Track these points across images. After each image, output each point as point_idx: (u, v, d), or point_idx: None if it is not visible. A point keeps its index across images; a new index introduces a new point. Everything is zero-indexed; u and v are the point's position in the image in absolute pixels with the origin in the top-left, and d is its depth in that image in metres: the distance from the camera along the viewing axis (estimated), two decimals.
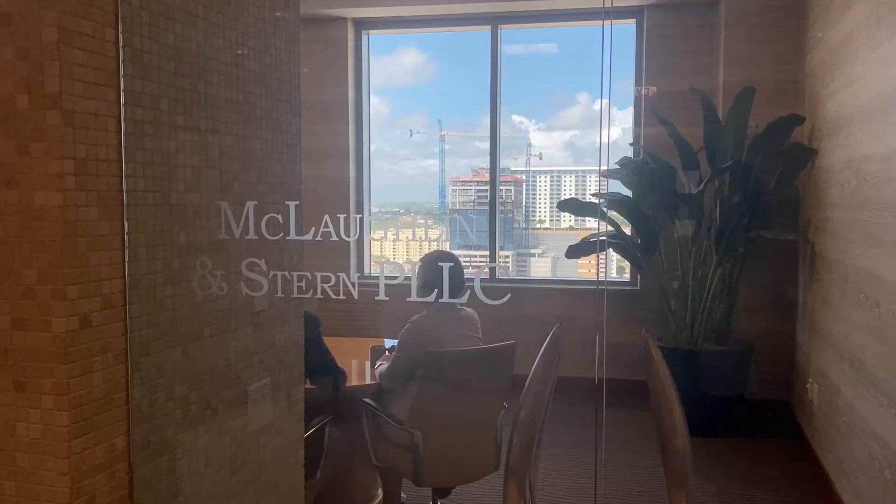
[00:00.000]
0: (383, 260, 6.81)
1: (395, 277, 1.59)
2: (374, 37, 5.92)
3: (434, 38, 6.40)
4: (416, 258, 6.20)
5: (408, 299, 2.09)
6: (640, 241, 4.80)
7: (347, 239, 1.65)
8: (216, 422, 1.65)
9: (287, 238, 1.69)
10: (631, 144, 5.24)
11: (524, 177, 6.42)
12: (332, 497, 3.19)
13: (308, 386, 3.09)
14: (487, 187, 5.86)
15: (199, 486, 1.59)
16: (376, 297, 1.58)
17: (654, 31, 5.14)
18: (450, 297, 3.12)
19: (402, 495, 3.38)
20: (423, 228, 6.99)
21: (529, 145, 6.36)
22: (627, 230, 5.00)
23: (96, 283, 1.29)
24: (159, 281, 1.45)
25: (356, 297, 1.48)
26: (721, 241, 4.47)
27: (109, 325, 1.32)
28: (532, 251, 6.60)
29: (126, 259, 1.35)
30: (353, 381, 3.21)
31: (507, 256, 6.44)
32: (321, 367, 3.05)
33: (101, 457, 1.31)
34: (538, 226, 6.70)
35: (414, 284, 1.96)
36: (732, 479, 3.98)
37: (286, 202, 1.66)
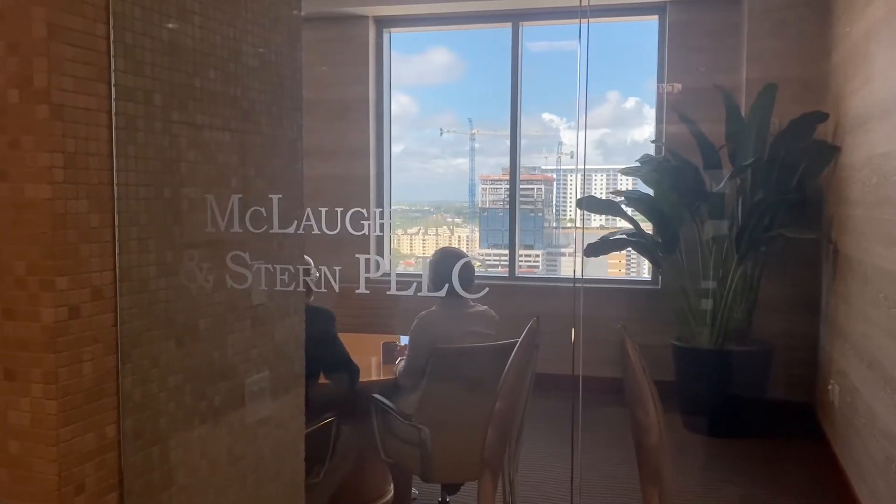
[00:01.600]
0: (411, 257, 6.83)
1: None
2: (403, 36, 5.93)
3: (463, 37, 6.39)
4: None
5: (419, 294, 2.11)
6: (659, 240, 4.75)
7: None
8: (212, 413, 1.66)
9: (270, 230, 1.71)
10: (652, 142, 5.19)
11: (555, 175, 6.38)
12: (345, 493, 3.20)
13: (322, 381, 3.14)
14: (518, 186, 5.84)
15: (193, 477, 1.61)
16: (388, 293, 1.59)
17: (676, 27, 5.09)
18: (458, 294, 3.14)
19: (414, 491, 3.39)
20: (452, 227, 6.98)
21: (560, 143, 6.32)
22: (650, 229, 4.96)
23: (86, 275, 1.31)
24: (152, 273, 1.47)
25: (337, 290, 1.49)
26: (742, 240, 4.41)
27: (99, 316, 1.34)
28: (562, 250, 6.56)
29: (117, 251, 1.37)
30: (366, 377, 3.22)
31: (537, 255, 6.41)
32: (335, 362, 3.08)
33: (91, 445, 1.34)
34: (568, 224, 6.65)
35: (425, 280, 1.97)
36: (754, 481, 3.93)
37: (269, 195, 1.68)
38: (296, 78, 1.95)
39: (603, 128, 6.70)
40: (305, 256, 3.07)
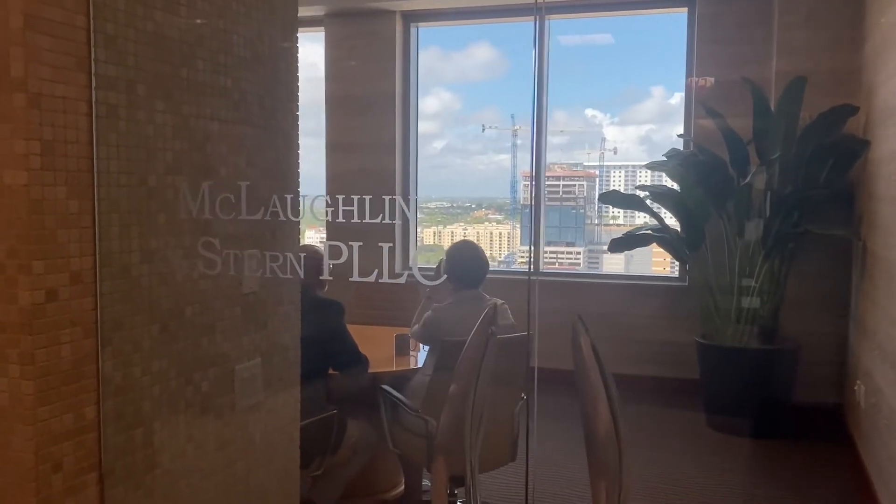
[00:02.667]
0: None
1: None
2: (444, 32, 5.93)
3: (507, 33, 6.35)
4: (487, 252, 6.21)
5: (432, 283, 2.13)
6: (684, 236, 4.68)
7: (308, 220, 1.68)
8: (199, 398, 1.69)
9: (237, 217, 1.73)
10: (680, 136, 5.11)
11: (597, 171, 6.31)
12: (357, 485, 3.23)
13: (332, 372, 3.17)
14: (559, 182, 5.79)
15: (178, 461, 1.64)
16: (350, 279, 1.61)
17: (706, 19, 5.00)
18: (471, 287, 3.14)
19: (425, 483, 3.40)
20: (494, 224, 6.92)
21: (603, 139, 6.25)
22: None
23: (64, 259, 1.35)
24: (135, 260, 1.50)
25: (301, 275, 1.50)
26: (769, 236, 4.32)
27: (78, 300, 1.38)
28: (604, 247, 6.48)
29: (97, 237, 1.40)
30: (379, 369, 3.24)
31: (578, 252, 6.36)
32: (344, 354, 3.11)
33: (69, 425, 1.37)
34: (611, 221, 6.58)
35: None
36: (776, 483, 3.85)
37: (238, 182, 1.70)
38: (291, 69, 1.97)
39: (648, 123, 6.62)
40: (318, 247, 3.10)
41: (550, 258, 6.30)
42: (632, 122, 6.59)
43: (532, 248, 5.79)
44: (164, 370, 1.59)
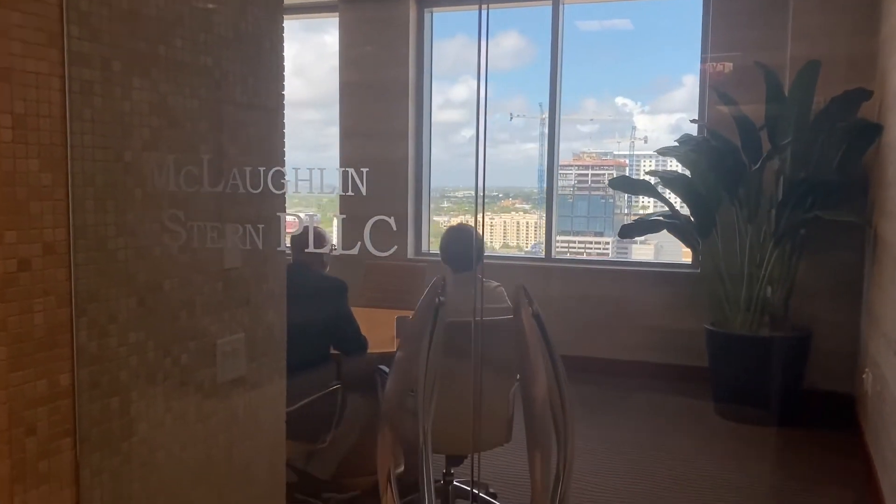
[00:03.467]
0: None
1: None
2: (471, 19, 5.90)
3: (534, 20, 6.29)
4: (514, 242, 6.15)
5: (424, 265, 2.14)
6: (695, 222, 4.65)
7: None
8: (178, 371, 1.73)
9: (218, 193, 1.76)
10: (693, 121, 5.06)
11: (627, 160, 6.26)
12: (358, 463, 3.28)
13: (333, 352, 3.22)
14: (588, 171, 5.76)
15: (157, 430, 1.68)
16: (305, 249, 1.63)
17: (721, 3, 4.94)
18: (467, 269, 3.16)
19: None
20: (522, 213, 6.87)
21: (633, 128, 6.20)
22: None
23: (37, 230, 1.39)
24: (111, 233, 1.54)
25: (261, 247, 1.53)
26: (780, 222, 4.27)
27: (52, 270, 1.42)
28: (636, 238, 6.43)
29: (71, 209, 1.44)
30: (379, 350, 3.28)
31: (607, 242, 6.32)
32: (344, 333, 3.15)
33: (43, 391, 1.42)
34: (640, 211, 6.53)
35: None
36: (787, 472, 3.83)
37: (218, 159, 1.73)
38: (276, 49, 1.99)
39: (679, 112, 6.53)
40: (320, 225, 3.14)
41: (578, 248, 6.27)
42: (663, 111, 6.52)
43: (547, 236, 5.78)
44: (142, 342, 1.63)
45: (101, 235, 1.52)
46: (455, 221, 6.80)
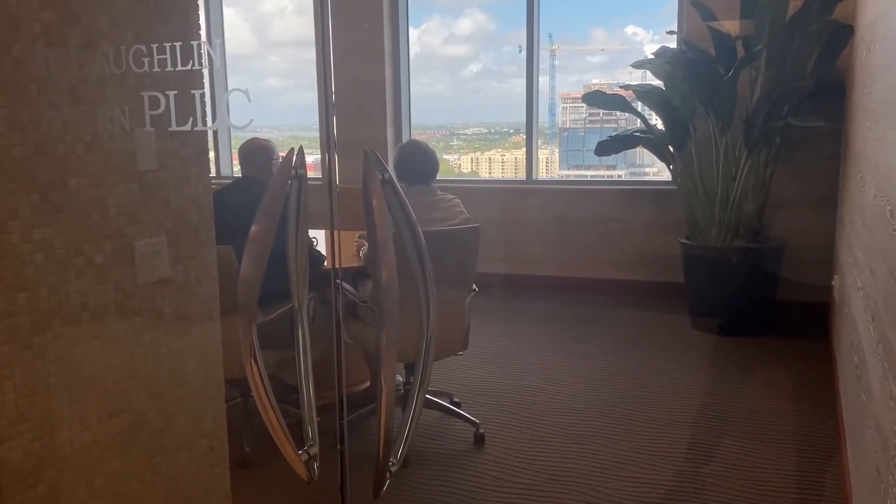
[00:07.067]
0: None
1: None
2: None
3: None
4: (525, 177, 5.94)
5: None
6: (669, 134, 4.59)
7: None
8: (93, 270, 1.75)
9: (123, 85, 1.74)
10: (669, 32, 4.95)
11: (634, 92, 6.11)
12: (324, 379, 3.34)
13: None
14: None
15: (73, 327, 1.71)
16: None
17: None
18: (422, 183, 3.16)
19: (399, 378, 3.50)
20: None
21: (645, 57, 6.03)
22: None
23: None
24: (2, 128, 1.53)
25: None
26: (752, 132, 4.21)
27: None
28: (646, 169, 6.35)
29: None
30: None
31: (619, 175, 6.26)
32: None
33: None
34: None
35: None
36: (757, 379, 3.87)
37: (120, 47, 1.70)
38: None
39: None
40: (268, 140, 3.12)
41: (591, 181, 6.18)
42: (674, 40, 6.35)
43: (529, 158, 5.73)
44: (48, 239, 1.64)
45: None
46: (466, 159, 6.73)
